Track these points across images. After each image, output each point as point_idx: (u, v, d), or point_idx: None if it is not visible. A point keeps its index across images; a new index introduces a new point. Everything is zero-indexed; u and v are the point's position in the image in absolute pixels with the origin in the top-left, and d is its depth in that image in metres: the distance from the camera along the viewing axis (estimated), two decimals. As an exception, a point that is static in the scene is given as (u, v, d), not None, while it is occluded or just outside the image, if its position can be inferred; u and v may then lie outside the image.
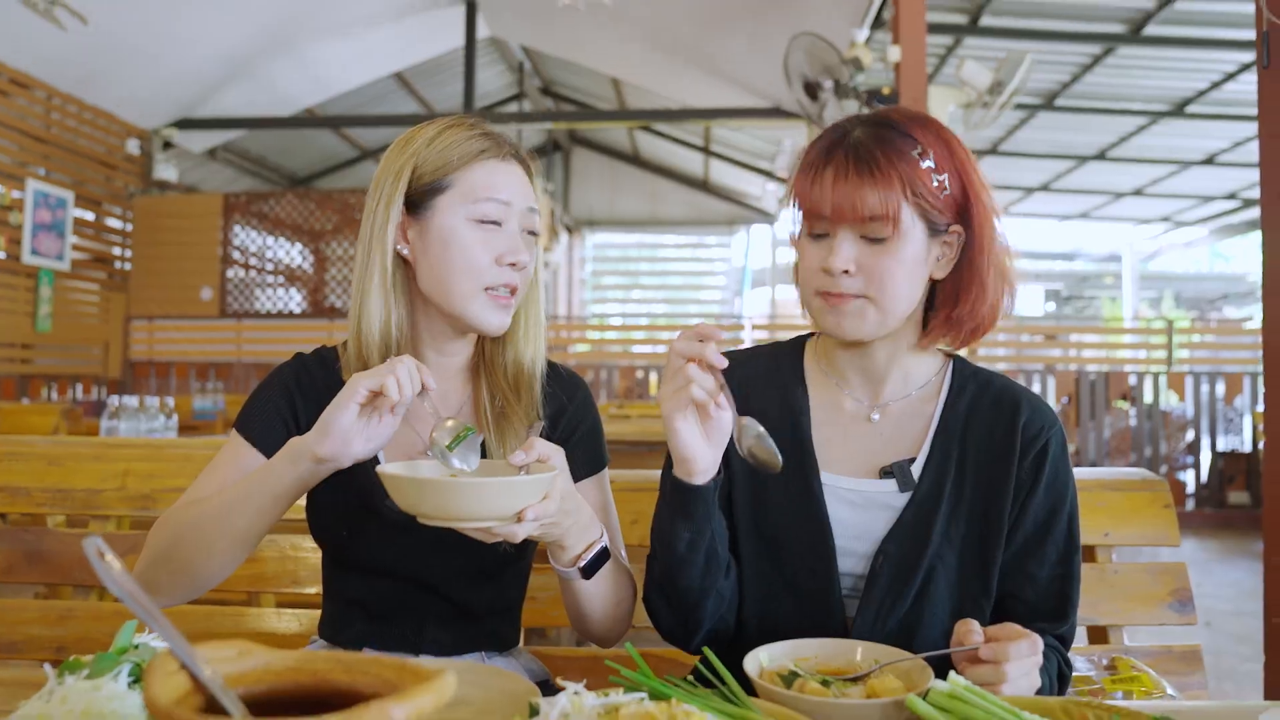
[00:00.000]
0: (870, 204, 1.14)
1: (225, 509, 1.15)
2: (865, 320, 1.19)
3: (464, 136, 1.28)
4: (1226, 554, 6.77)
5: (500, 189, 1.26)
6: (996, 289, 1.23)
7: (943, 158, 1.18)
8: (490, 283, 1.25)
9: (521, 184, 1.29)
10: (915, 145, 1.16)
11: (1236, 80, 7.83)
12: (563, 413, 1.36)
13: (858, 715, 0.88)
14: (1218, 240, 14.26)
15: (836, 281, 1.18)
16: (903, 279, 1.17)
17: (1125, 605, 1.62)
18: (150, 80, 7.44)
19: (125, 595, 0.64)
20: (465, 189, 1.25)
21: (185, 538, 1.16)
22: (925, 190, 1.16)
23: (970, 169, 1.20)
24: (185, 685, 0.64)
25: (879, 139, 1.17)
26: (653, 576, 1.21)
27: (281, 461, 1.13)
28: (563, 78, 11.50)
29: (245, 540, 1.17)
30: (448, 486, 0.99)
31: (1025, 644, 0.98)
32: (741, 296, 13.99)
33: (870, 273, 1.17)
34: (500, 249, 1.25)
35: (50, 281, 7.03)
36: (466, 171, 1.26)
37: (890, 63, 5.26)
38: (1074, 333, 10.08)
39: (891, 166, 1.14)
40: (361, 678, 0.69)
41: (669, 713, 0.74)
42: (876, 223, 1.15)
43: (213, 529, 1.15)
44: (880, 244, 1.16)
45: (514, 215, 1.27)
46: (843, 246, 1.17)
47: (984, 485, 1.22)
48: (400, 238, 1.28)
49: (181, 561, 1.17)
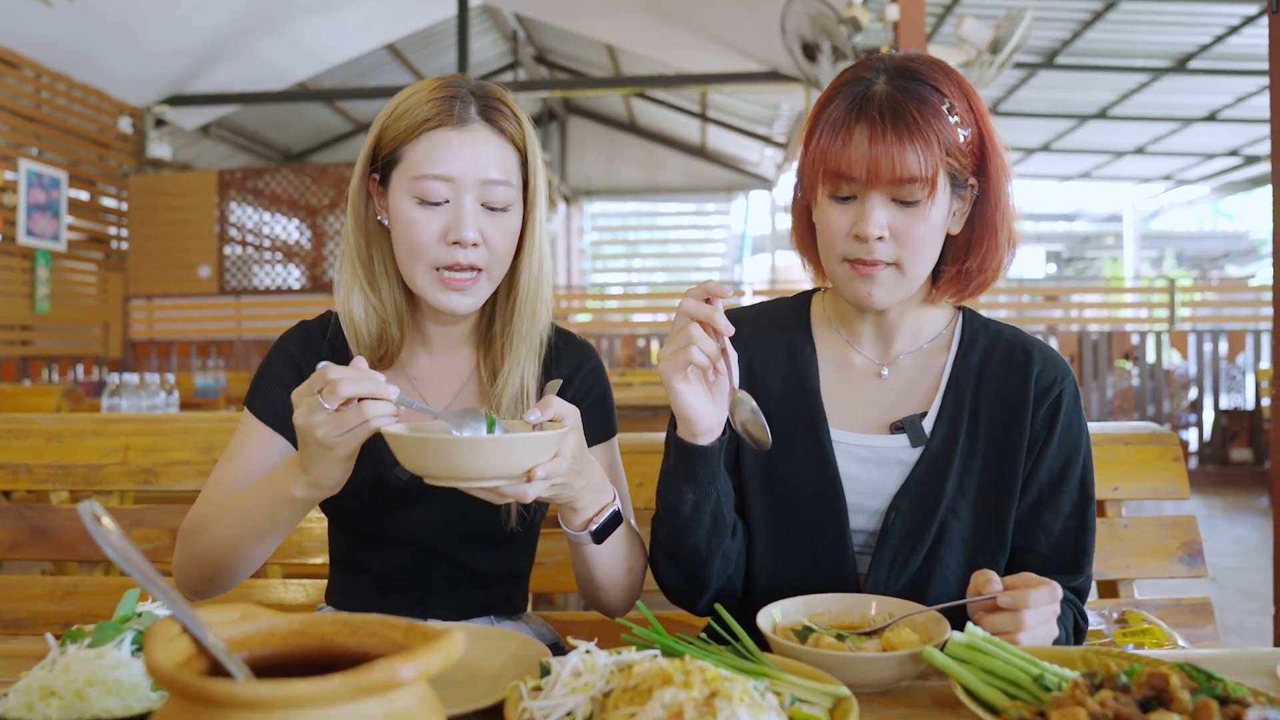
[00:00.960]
0: (910, 166, 1.08)
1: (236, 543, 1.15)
2: (892, 287, 1.15)
3: (419, 103, 1.20)
4: (1230, 510, 6.79)
5: (443, 163, 1.17)
6: (1005, 242, 1.20)
7: (965, 110, 1.13)
8: (439, 262, 1.18)
9: (475, 154, 1.18)
10: (944, 99, 1.11)
11: (1240, 34, 7.73)
12: (574, 378, 1.33)
13: (874, 669, 0.87)
14: (1220, 198, 14.20)
15: (869, 248, 1.11)
16: (931, 242, 1.14)
17: (1136, 559, 1.61)
18: (140, 57, 7.36)
19: (121, 558, 0.63)
20: (409, 164, 1.19)
21: (206, 560, 1.17)
22: (956, 148, 1.11)
23: (987, 119, 1.16)
24: (188, 650, 0.62)
25: (910, 94, 1.10)
26: (659, 539, 1.20)
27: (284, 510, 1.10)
28: (557, 46, 11.38)
29: (264, 555, 1.18)
30: (453, 444, 0.94)
31: (1044, 591, 0.96)
32: (741, 263, 13.95)
33: (902, 238, 1.11)
34: (445, 225, 1.18)
35: (47, 262, 6.99)
36: (414, 145, 1.19)
37: (888, 21, 5.19)
38: (1075, 293, 10.04)
39: (929, 125, 1.08)
40: (368, 640, 0.67)
41: (683, 668, 0.72)
42: (913, 185, 1.09)
43: (230, 558, 1.16)
44: (913, 207, 1.10)
45: (465, 189, 1.18)
46: (875, 211, 1.10)
47: (997, 438, 1.20)
48: (382, 210, 1.24)
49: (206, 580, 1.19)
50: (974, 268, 1.20)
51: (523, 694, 0.77)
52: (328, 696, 0.54)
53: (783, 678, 0.80)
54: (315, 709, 0.55)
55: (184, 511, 1.69)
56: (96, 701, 0.75)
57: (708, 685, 0.70)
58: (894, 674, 0.88)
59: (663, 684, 0.71)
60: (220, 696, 0.54)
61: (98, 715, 0.75)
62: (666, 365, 1.06)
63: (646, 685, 0.72)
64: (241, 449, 1.25)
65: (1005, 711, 0.76)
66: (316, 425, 0.98)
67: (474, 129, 1.19)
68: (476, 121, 1.19)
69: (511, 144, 1.22)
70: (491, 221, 1.20)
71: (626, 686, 0.73)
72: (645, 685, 0.72)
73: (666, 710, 0.68)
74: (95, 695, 0.76)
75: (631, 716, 0.69)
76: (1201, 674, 0.76)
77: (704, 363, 1.05)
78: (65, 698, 0.75)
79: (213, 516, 1.17)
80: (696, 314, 1.04)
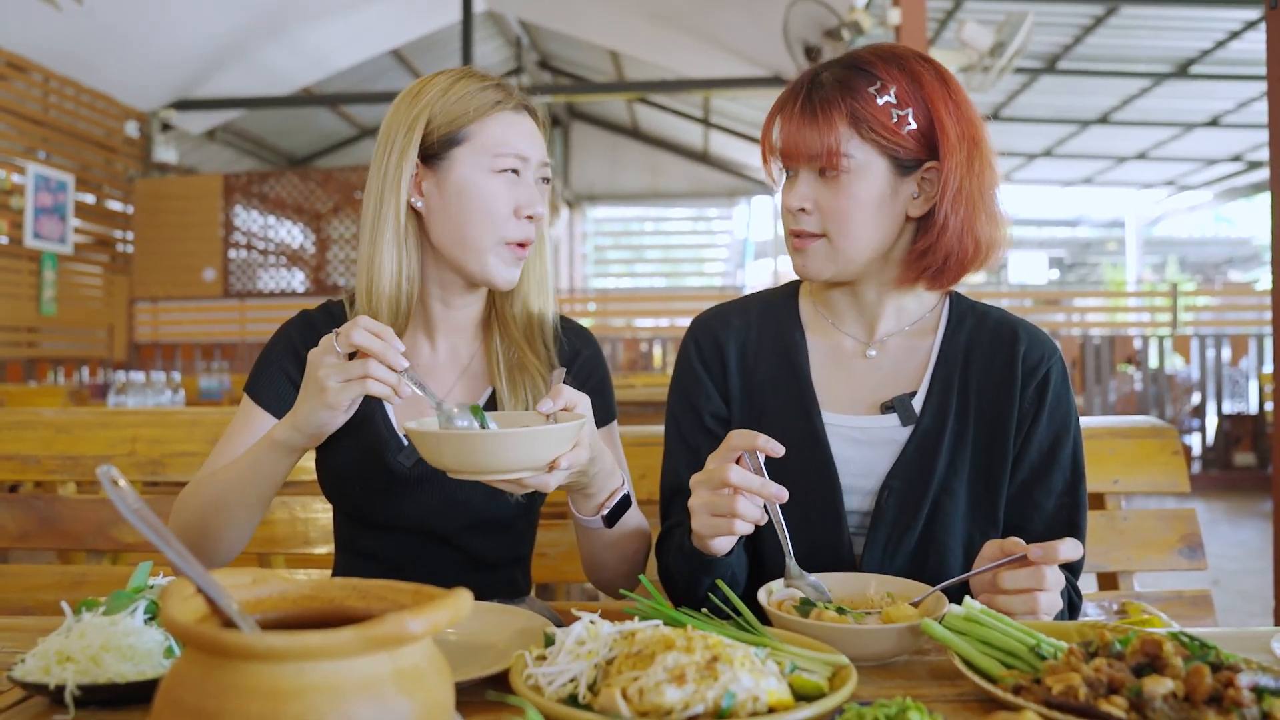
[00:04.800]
0: (810, 143, 1.16)
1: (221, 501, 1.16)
2: (823, 260, 1.21)
3: (477, 87, 1.26)
4: (1233, 514, 6.78)
5: (518, 141, 1.25)
6: (966, 222, 1.18)
7: (906, 92, 1.16)
8: (509, 236, 1.25)
9: (535, 136, 1.28)
10: (874, 81, 1.16)
11: (1241, 39, 7.74)
12: (572, 365, 1.36)
13: (873, 640, 0.88)
14: (1222, 204, 14.16)
15: (796, 220, 1.20)
16: (859, 217, 1.18)
17: (1136, 552, 1.62)
18: (146, 62, 7.40)
19: (138, 520, 0.64)
20: (483, 141, 1.24)
21: (192, 527, 1.18)
22: (880, 126, 1.15)
23: (939, 101, 1.17)
24: (202, 609, 0.64)
25: (836, 79, 1.18)
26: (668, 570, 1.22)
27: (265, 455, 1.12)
28: (561, 51, 11.41)
29: (249, 521, 1.19)
30: (480, 439, 0.95)
31: (1071, 542, 0.97)
32: (744, 268, 13.94)
33: (825, 210, 1.19)
34: (519, 200, 1.25)
35: (53, 265, 7.02)
36: (483, 123, 1.25)
37: (890, 25, 5.21)
38: (1078, 297, 10.03)
39: (834, 105, 1.16)
40: (377, 603, 0.69)
41: (685, 635, 0.74)
42: (821, 159, 1.16)
43: (215, 518, 1.17)
44: (833, 180, 1.17)
45: (531, 167, 1.27)
46: (799, 185, 1.20)
47: (987, 417, 1.22)
48: (415, 190, 1.26)
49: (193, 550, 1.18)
50: (926, 247, 1.20)
51: (528, 662, 0.79)
52: (339, 648, 0.56)
53: (783, 647, 0.81)
54: (327, 660, 0.56)
55: (191, 502, 1.71)
56: (111, 666, 0.77)
57: (709, 650, 0.72)
58: (893, 646, 0.89)
59: (665, 649, 0.72)
60: (236, 647, 0.56)
61: (112, 679, 0.76)
62: (709, 528, 1.03)
63: (649, 651, 0.73)
64: (239, 432, 1.26)
65: (1003, 680, 0.78)
66: (323, 362, 1.04)
67: (525, 114, 1.29)
68: (524, 108, 1.29)
69: (542, 131, 1.31)
70: (541, 197, 1.28)
71: (629, 653, 0.74)
72: (648, 651, 0.73)
73: (668, 673, 0.70)
74: (110, 660, 0.77)
75: (634, 680, 0.71)
76: (1195, 642, 0.78)
77: (748, 531, 1.03)
78: (81, 662, 0.77)
79: (202, 482, 1.20)
80: (744, 485, 1.01)
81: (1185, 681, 0.72)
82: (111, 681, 0.76)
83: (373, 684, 0.57)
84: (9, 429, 1.76)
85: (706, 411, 1.31)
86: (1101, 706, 0.70)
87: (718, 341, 1.32)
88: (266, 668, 0.56)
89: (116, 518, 1.69)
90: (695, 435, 1.31)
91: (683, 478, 1.27)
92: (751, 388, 1.30)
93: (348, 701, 0.56)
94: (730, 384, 1.31)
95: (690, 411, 1.32)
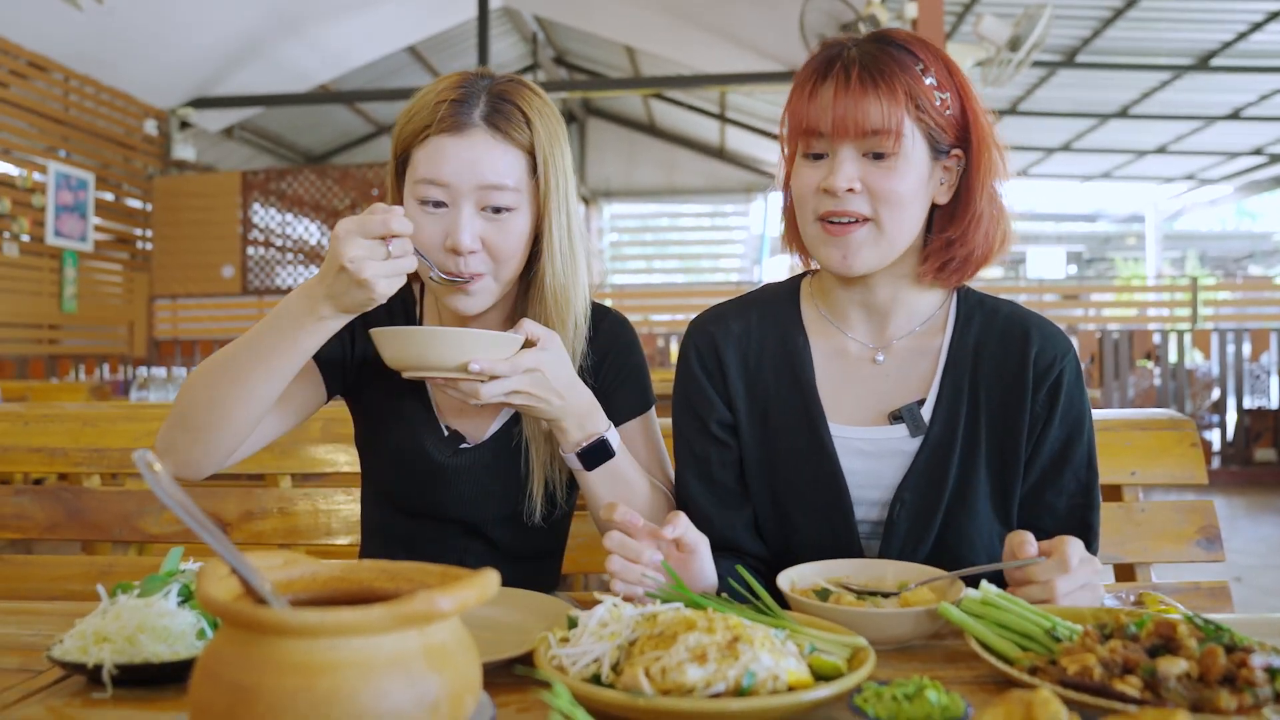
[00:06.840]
0: (873, 116, 1.09)
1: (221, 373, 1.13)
2: (869, 249, 1.14)
3: (425, 105, 1.20)
4: (1253, 510, 6.73)
5: (441, 168, 1.17)
6: (992, 216, 1.19)
7: (944, 76, 1.15)
8: (442, 267, 1.20)
9: (472, 160, 1.17)
10: (917, 61, 1.14)
11: (1263, 30, 7.66)
12: (607, 355, 1.34)
13: (891, 624, 0.89)
14: (1243, 198, 14.05)
15: (840, 201, 1.12)
16: (908, 200, 1.13)
17: (1153, 543, 1.62)
18: (165, 60, 7.46)
19: (175, 504, 0.66)
20: (413, 172, 1.21)
21: (199, 399, 1.13)
22: (929, 106, 1.13)
23: (970, 91, 1.17)
24: (236, 589, 0.66)
25: (881, 52, 1.13)
26: None
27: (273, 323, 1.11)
28: (576, 47, 11.43)
29: (256, 398, 1.13)
30: (411, 332, 1.09)
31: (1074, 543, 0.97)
32: (760, 264, 13.92)
33: (875, 191, 1.12)
34: (443, 232, 1.19)
35: (74, 262, 7.10)
36: (418, 149, 1.20)
37: (907, 19, 5.20)
38: (1096, 291, 9.97)
39: (895, 77, 1.11)
40: (405, 585, 0.71)
41: (706, 616, 0.75)
42: (880, 137, 1.10)
43: (223, 383, 1.12)
44: (883, 160, 1.12)
45: (462, 195, 1.18)
46: (845, 164, 1.12)
47: (998, 421, 1.19)
48: None
49: (197, 421, 1.14)
50: (956, 238, 1.18)
51: (551, 643, 0.80)
52: (371, 625, 0.58)
53: (802, 630, 0.82)
54: (359, 637, 0.58)
55: (214, 492, 1.73)
56: (146, 646, 0.79)
57: (730, 631, 0.73)
58: (910, 630, 0.90)
59: (687, 630, 0.74)
60: (272, 624, 0.58)
61: (148, 659, 0.78)
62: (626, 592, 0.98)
63: (671, 632, 0.74)
64: None
65: (1018, 661, 0.79)
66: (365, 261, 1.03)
67: (472, 134, 1.18)
68: (478, 126, 1.19)
69: (516, 147, 1.21)
70: (493, 226, 1.19)
71: (652, 634, 0.76)
72: (670, 632, 0.75)
73: (690, 653, 0.71)
74: (145, 641, 0.79)
75: (656, 659, 0.72)
76: (1210, 625, 0.78)
77: (637, 594, 0.96)
78: (117, 642, 0.79)
79: (216, 355, 1.16)
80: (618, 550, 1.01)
81: (1199, 662, 0.72)
82: (147, 661, 0.78)
83: (403, 660, 0.59)
84: (36, 422, 1.79)
85: (712, 419, 1.27)
86: (1116, 686, 0.71)
87: (716, 348, 1.28)
88: (301, 643, 0.57)
89: (142, 509, 1.72)
90: (702, 445, 1.27)
91: (692, 489, 1.26)
92: (755, 395, 1.26)
93: (379, 676, 0.58)
94: (733, 391, 1.26)
95: (695, 420, 1.28)
